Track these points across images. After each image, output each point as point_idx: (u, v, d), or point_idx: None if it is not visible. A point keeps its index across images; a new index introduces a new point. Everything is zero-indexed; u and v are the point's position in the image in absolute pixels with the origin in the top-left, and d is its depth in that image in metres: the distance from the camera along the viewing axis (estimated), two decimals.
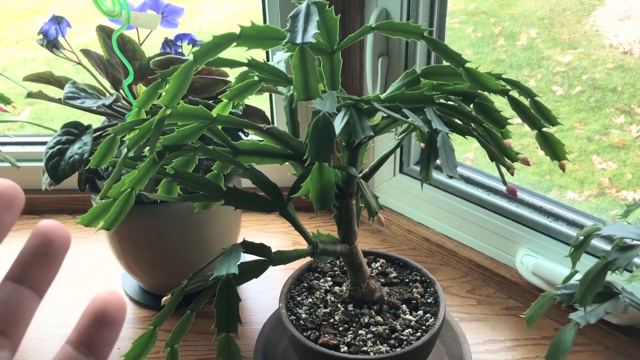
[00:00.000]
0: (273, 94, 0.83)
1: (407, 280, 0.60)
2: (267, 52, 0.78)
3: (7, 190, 0.21)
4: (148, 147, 0.40)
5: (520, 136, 1.23)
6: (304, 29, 0.39)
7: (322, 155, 0.39)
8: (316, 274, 0.61)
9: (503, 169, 0.46)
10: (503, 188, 0.71)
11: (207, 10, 2.20)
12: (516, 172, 0.46)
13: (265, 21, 0.77)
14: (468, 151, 1.26)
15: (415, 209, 0.79)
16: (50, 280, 0.23)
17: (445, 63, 0.46)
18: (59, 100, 0.60)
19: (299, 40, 0.38)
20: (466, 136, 0.45)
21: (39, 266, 0.22)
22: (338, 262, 0.62)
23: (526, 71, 1.45)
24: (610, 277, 0.44)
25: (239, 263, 0.43)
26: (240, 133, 0.65)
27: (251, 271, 0.45)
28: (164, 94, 0.40)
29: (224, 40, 0.41)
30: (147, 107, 0.47)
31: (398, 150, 0.78)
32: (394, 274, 0.61)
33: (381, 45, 0.71)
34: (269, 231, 0.84)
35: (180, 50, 0.68)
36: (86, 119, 0.67)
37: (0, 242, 0.22)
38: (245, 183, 0.63)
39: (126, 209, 0.44)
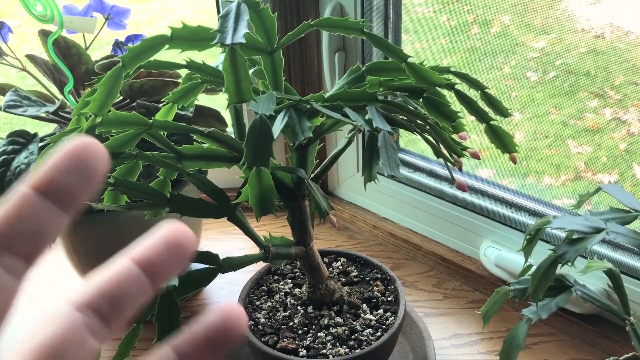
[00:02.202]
0: None
1: (368, 278, 0.59)
2: None
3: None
4: None
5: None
6: (234, 29, 0.37)
7: (260, 159, 0.38)
8: (276, 277, 0.60)
9: (453, 165, 0.45)
10: (466, 180, 0.70)
11: (180, 9, 2.16)
12: (493, 159, 0.45)
13: None
14: None
15: (381, 204, 0.78)
16: (171, 276, 0.20)
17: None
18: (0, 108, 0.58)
19: (228, 41, 0.36)
20: (413, 132, 0.44)
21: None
22: (298, 263, 0.61)
23: (501, 58, 1.45)
24: (565, 269, 0.43)
25: (182, 273, 0.42)
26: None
27: (197, 280, 0.44)
28: (91, 102, 0.38)
29: (154, 43, 0.40)
30: (85, 115, 0.45)
31: (361, 146, 0.77)
32: (354, 273, 0.60)
33: (337, 41, 0.70)
34: (233, 233, 0.82)
35: None
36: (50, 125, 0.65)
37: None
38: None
39: None
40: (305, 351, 0.51)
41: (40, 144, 0.59)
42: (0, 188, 0.57)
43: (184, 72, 0.49)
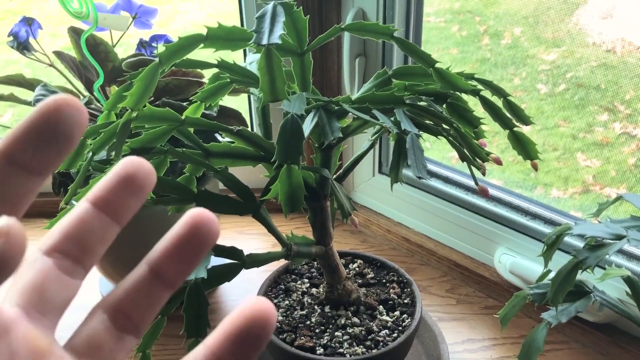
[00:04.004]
0: (252, 95, 0.82)
1: (384, 280, 0.60)
2: (244, 52, 0.78)
3: (140, 172, 0.21)
4: (113, 151, 0.40)
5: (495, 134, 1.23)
6: (270, 29, 0.38)
7: (291, 157, 0.39)
8: (293, 276, 0.61)
9: (478, 169, 0.46)
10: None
11: (192, 12, 2.18)
12: (501, 170, 0.46)
13: (242, 22, 0.77)
14: (452, 150, 1.26)
15: (395, 209, 0.79)
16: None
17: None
18: (29, 103, 0.59)
19: (264, 42, 0.37)
20: (438, 136, 0.45)
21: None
22: (315, 263, 0.62)
23: (511, 70, 1.46)
24: (583, 275, 0.44)
25: (209, 267, 0.43)
26: (216, 135, 0.65)
27: (223, 275, 0.45)
28: (128, 96, 0.39)
29: (190, 42, 0.41)
30: (116, 110, 0.46)
31: (377, 151, 0.78)
32: (371, 275, 0.60)
33: (358, 46, 0.71)
34: (248, 232, 0.83)
35: (155, 52, 0.67)
36: None
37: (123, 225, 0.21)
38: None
39: None
40: (322, 350, 0.52)
41: None
42: None
43: (207, 72, 0.50)
